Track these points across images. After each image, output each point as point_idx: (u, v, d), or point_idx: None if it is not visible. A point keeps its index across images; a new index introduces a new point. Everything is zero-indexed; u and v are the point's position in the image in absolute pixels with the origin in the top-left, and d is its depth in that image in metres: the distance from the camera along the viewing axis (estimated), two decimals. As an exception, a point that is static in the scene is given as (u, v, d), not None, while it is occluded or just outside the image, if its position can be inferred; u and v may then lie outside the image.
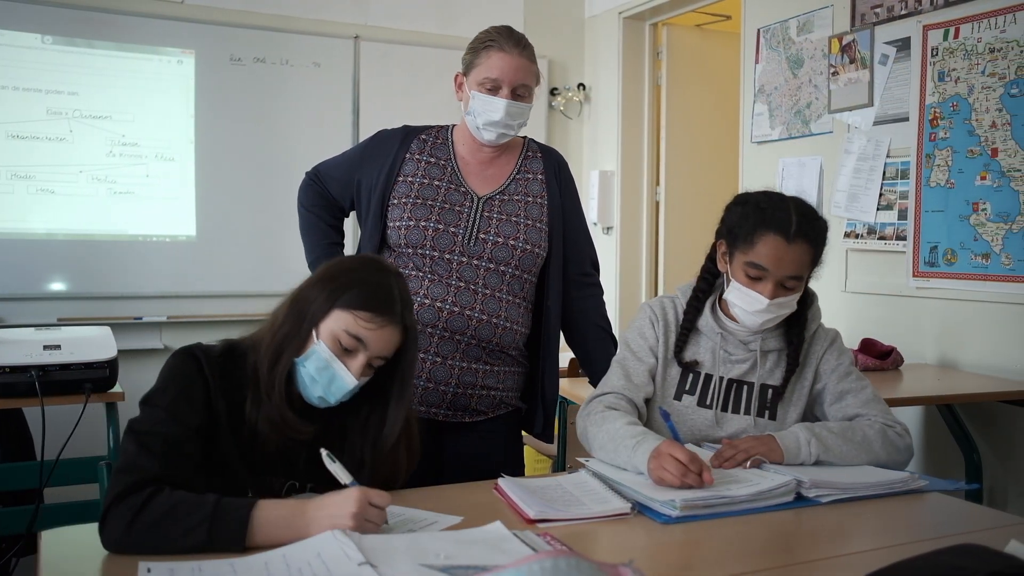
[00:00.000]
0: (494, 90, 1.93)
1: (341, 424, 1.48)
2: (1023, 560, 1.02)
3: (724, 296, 1.76)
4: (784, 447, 1.60)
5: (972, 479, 2.82)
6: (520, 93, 1.94)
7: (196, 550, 1.18)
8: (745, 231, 1.68)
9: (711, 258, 1.82)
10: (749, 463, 1.57)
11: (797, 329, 1.76)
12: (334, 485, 1.34)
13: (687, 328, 1.79)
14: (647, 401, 1.79)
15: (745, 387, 1.77)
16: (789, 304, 1.70)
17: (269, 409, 1.39)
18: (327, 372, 1.40)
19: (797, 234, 1.64)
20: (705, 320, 1.79)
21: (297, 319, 1.42)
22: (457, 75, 2.02)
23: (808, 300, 1.79)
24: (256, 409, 1.39)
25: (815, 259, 1.70)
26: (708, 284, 1.82)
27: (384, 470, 1.48)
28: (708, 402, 1.77)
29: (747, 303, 1.68)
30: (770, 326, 1.74)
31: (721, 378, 1.77)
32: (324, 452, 1.35)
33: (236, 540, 1.19)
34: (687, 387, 1.78)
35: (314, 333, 1.41)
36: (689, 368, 1.78)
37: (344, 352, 1.40)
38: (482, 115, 1.94)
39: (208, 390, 1.38)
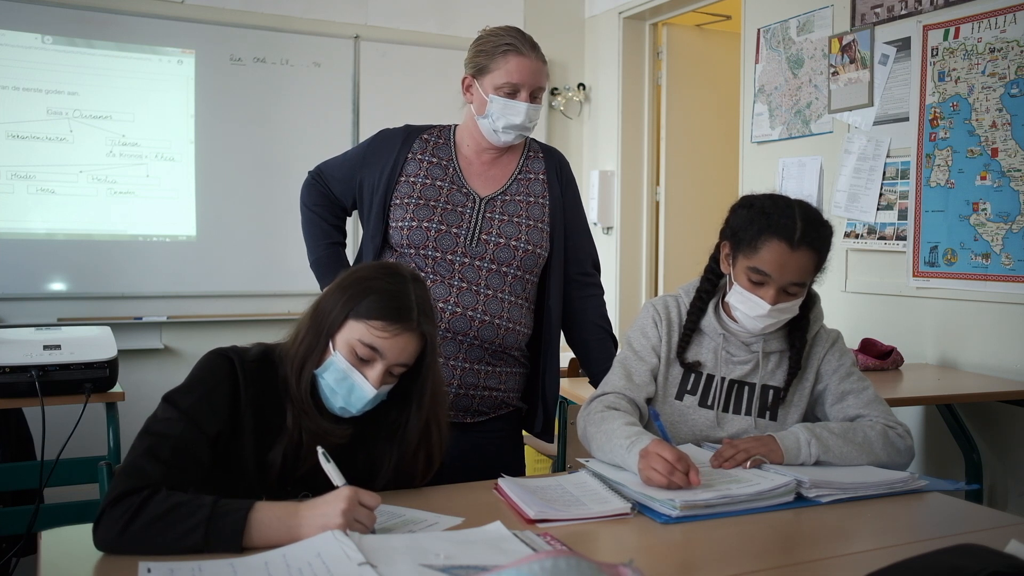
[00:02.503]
0: (513, 93, 1.93)
1: (373, 426, 1.48)
2: (1023, 560, 1.02)
3: (726, 299, 1.76)
4: (784, 448, 1.60)
5: (972, 479, 2.82)
6: (536, 95, 1.96)
7: (193, 551, 1.18)
8: (749, 236, 1.67)
9: (715, 258, 1.81)
10: (749, 463, 1.57)
11: (799, 332, 1.76)
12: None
13: (690, 328, 1.79)
14: (649, 400, 1.78)
15: (747, 388, 1.77)
16: (791, 309, 1.70)
17: (308, 422, 1.40)
18: (346, 383, 1.40)
19: (801, 241, 1.63)
20: (708, 320, 1.79)
21: (316, 330, 1.42)
22: (465, 77, 2.01)
23: (810, 302, 1.79)
24: (298, 423, 1.40)
25: (819, 265, 1.69)
26: (712, 284, 1.82)
27: (401, 470, 1.49)
28: (709, 402, 1.76)
29: (749, 308, 1.68)
30: (772, 330, 1.74)
31: (723, 379, 1.77)
32: (320, 450, 1.34)
33: (233, 542, 1.19)
34: (688, 387, 1.78)
35: (331, 344, 1.41)
36: (691, 368, 1.78)
37: (361, 362, 1.39)
38: (502, 118, 1.94)
39: (237, 396, 1.38)
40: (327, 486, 1.34)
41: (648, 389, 1.77)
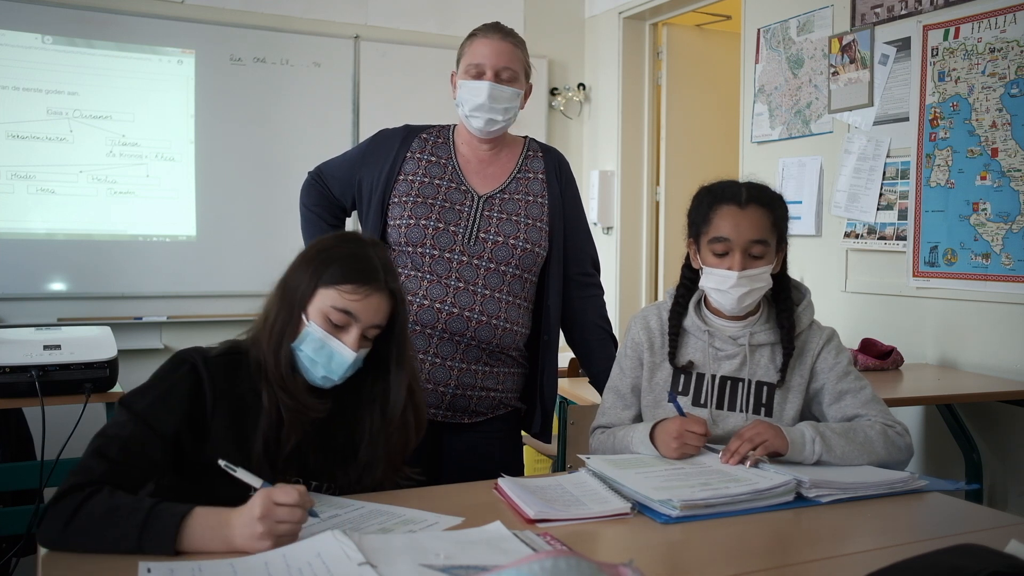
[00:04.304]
0: (478, 76, 1.94)
1: (352, 400, 1.50)
2: (1023, 560, 1.02)
3: (700, 285, 1.77)
4: (790, 439, 1.60)
5: (972, 479, 2.82)
6: (504, 77, 1.95)
7: (128, 553, 1.18)
8: (702, 214, 1.74)
9: (687, 265, 1.85)
10: (749, 463, 1.57)
11: (786, 313, 1.77)
12: (347, 486, 1.43)
13: (674, 332, 1.80)
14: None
15: (740, 384, 1.76)
16: (762, 277, 1.71)
17: (288, 399, 1.40)
18: (324, 351, 1.41)
19: (749, 199, 1.71)
20: (690, 320, 1.81)
21: (288, 306, 1.44)
22: (452, 75, 2.03)
23: (798, 292, 1.81)
24: (275, 402, 1.40)
25: (775, 224, 1.72)
26: (687, 288, 1.84)
27: (395, 438, 1.50)
28: (703, 401, 1.77)
29: (720, 282, 1.70)
30: (750, 303, 1.73)
31: (713, 376, 1.77)
32: (222, 463, 1.29)
33: (165, 546, 1.18)
34: (680, 388, 1.78)
35: (304, 316, 1.43)
36: (682, 369, 1.79)
37: (336, 328, 1.42)
38: (468, 101, 1.95)
39: (200, 394, 1.39)
40: (317, 464, 1.40)
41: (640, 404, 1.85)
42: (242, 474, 1.29)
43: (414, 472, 1.57)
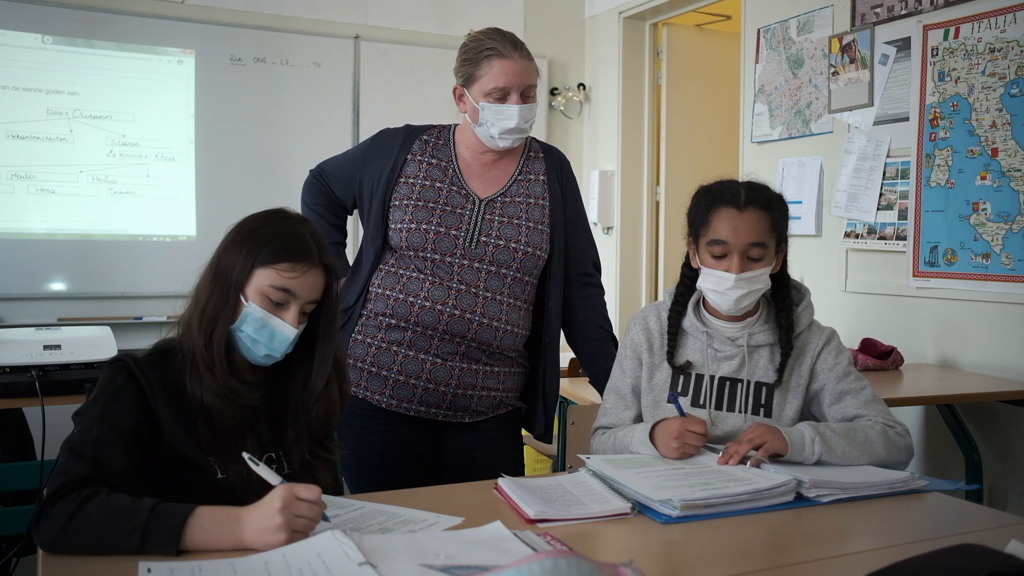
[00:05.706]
0: (503, 98, 1.91)
1: (284, 381, 1.51)
2: (1023, 560, 1.02)
3: (698, 285, 1.77)
4: (790, 440, 1.60)
5: (972, 479, 2.82)
6: (528, 94, 1.94)
7: (130, 553, 1.18)
8: (701, 215, 1.74)
9: (687, 264, 1.85)
10: (749, 463, 1.57)
11: (785, 313, 1.77)
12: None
13: (672, 332, 1.80)
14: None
15: (739, 385, 1.76)
16: (760, 279, 1.71)
17: (213, 382, 1.40)
18: (266, 330, 1.42)
19: (748, 202, 1.70)
20: (689, 321, 1.81)
21: (222, 289, 1.45)
22: (456, 88, 2.00)
23: (797, 292, 1.81)
24: (199, 386, 1.40)
25: (774, 226, 1.72)
26: (687, 287, 1.84)
27: (320, 407, 1.50)
28: (701, 402, 1.77)
29: (717, 283, 1.70)
30: (747, 304, 1.73)
31: (712, 377, 1.77)
32: (246, 456, 1.33)
33: (169, 546, 1.18)
34: (679, 388, 1.78)
35: (242, 297, 1.43)
36: (681, 370, 1.78)
37: (276, 306, 1.43)
38: (496, 124, 1.92)
39: (142, 391, 1.39)
40: (269, 435, 1.42)
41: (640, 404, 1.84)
42: (262, 469, 1.31)
43: (338, 447, 1.59)
